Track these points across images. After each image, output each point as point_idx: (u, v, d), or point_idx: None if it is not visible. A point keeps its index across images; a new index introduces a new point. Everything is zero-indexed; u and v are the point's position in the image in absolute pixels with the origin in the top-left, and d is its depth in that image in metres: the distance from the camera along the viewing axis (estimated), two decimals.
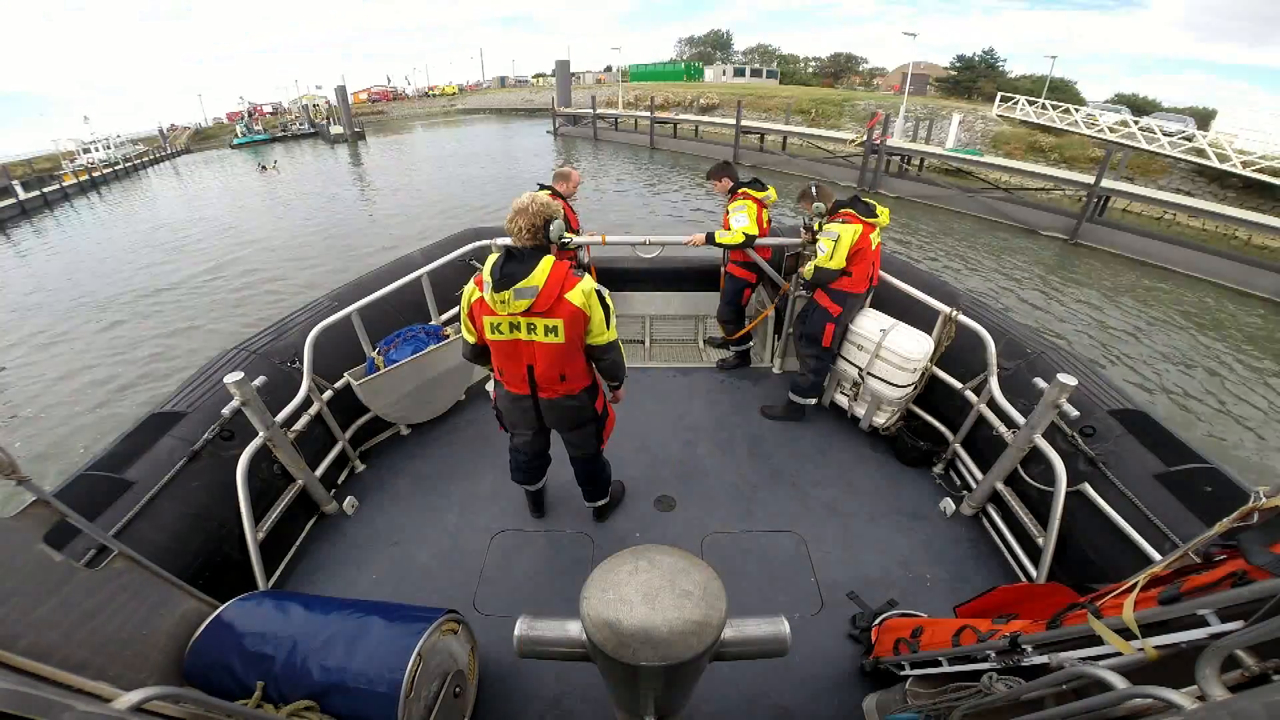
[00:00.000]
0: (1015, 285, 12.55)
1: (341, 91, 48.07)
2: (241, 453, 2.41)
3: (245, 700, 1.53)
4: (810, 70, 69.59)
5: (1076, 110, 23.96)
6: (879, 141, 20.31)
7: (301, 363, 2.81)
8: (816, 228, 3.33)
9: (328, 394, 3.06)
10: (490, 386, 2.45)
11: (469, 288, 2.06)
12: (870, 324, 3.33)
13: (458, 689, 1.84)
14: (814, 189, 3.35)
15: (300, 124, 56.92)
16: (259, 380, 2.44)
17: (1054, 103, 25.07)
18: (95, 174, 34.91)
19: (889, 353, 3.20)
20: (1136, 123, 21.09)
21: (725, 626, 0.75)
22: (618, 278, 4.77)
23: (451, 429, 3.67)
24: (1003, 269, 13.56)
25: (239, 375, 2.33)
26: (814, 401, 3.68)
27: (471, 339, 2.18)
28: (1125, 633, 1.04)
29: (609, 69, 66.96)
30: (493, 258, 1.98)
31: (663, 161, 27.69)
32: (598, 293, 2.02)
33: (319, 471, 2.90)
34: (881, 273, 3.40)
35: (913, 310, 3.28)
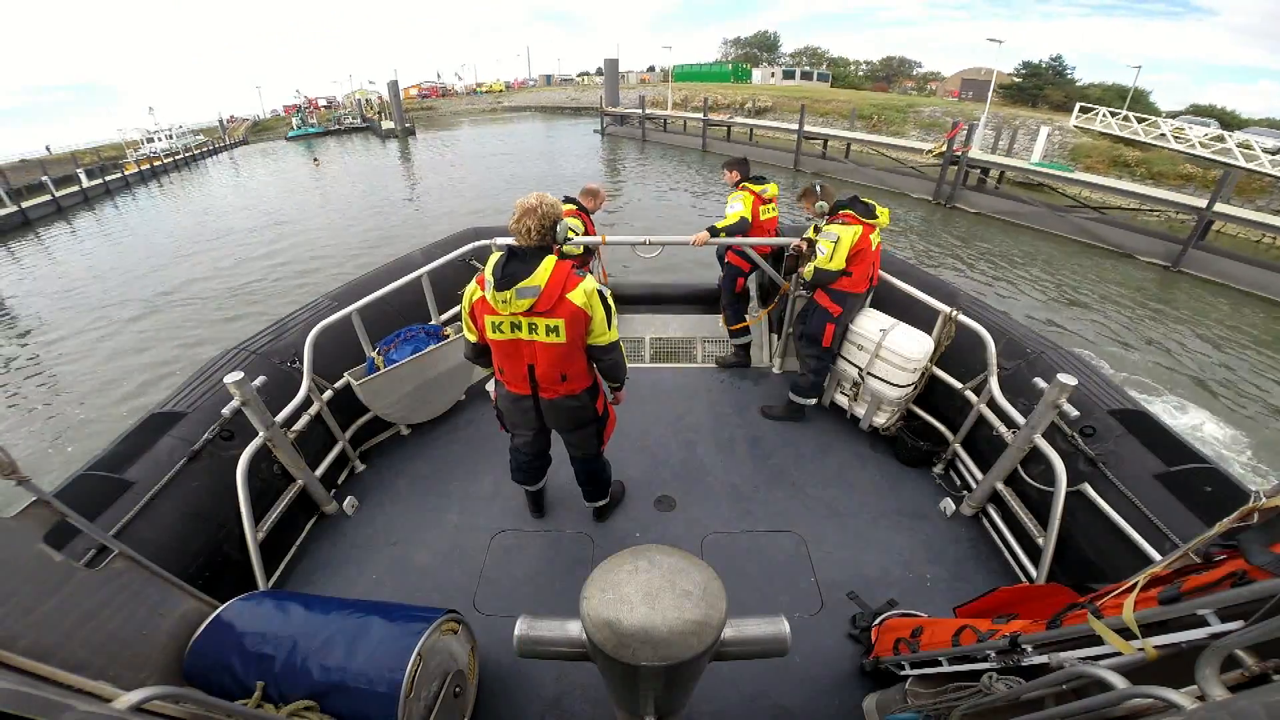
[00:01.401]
0: (1134, 326, 10.77)
1: (394, 87, 47.99)
2: (241, 453, 2.41)
3: (245, 700, 1.53)
4: (861, 74, 67.04)
5: (1165, 122, 21.86)
6: (959, 152, 18.77)
7: (301, 363, 2.81)
8: (812, 231, 3.35)
9: (328, 394, 3.06)
10: (490, 386, 2.45)
11: (471, 287, 2.06)
12: (870, 324, 3.33)
13: (458, 689, 1.83)
14: (818, 188, 3.36)
15: (353, 118, 57.73)
16: (259, 380, 2.44)
17: (1139, 115, 22.86)
18: (156, 163, 36.04)
19: (889, 353, 3.20)
20: (1231, 136, 19.29)
21: (725, 626, 0.75)
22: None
23: (451, 429, 3.67)
24: (1110, 304, 11.75)
25: (239, 375, 2.33)
26: (814, 401, 3.68)
27: (473, 338, 2.19)
28: (1125, 633, 1.04)
29: (652, 69, 66.80)
30: (495, 257, 1.98)
31: (715, 165, 26.70)
32: (599, 293, 2.03)
33: (319, 471, 2.90)
34: (881, 273, 3.41)
35: (913, 310, 3.28)
